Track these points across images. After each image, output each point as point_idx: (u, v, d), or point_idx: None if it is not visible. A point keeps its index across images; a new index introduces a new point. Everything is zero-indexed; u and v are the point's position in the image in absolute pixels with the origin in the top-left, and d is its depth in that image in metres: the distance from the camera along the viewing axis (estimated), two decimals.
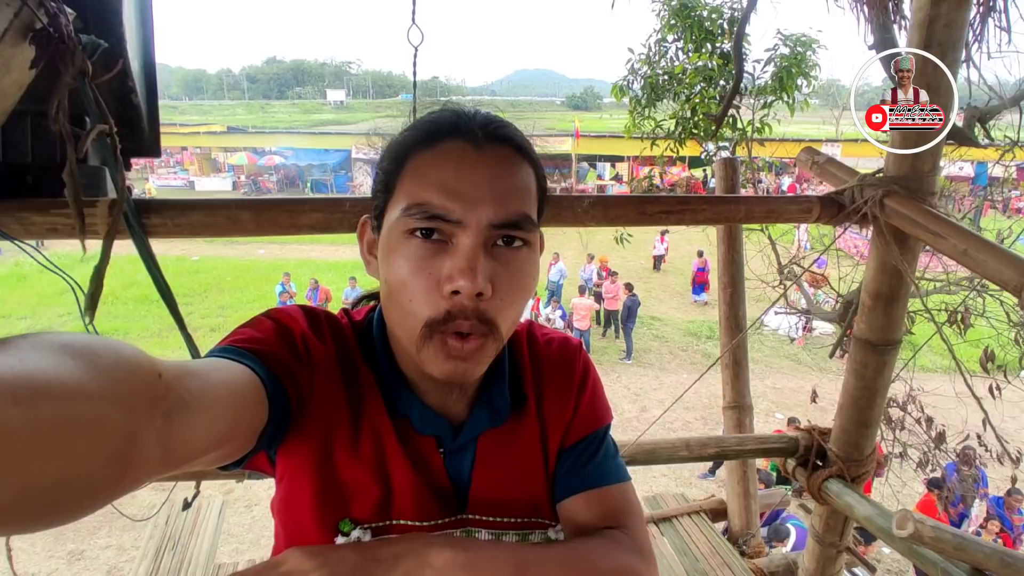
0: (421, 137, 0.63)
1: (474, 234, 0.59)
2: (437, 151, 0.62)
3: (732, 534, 2.96)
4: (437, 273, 0.59)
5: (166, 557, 2.36)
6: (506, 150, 0.64)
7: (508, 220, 0.61)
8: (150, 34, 1.75)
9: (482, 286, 0.58)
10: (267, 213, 1.46)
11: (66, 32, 1.22)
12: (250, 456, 0.59)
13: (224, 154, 28.09)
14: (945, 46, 1.57)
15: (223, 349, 0.59)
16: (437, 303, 0.60)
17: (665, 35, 5.42)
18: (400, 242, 0.61)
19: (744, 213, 1.76)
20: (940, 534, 1.53)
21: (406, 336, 0.63)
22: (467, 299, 0.59)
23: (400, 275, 0.61)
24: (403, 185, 0.63)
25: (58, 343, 0.35)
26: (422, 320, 0.60)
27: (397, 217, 0.62)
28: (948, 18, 1.56)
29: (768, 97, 5.44)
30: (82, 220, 1.25)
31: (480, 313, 0.60)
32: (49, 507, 0.33)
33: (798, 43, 5.40)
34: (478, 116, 0.65)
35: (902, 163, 1.71)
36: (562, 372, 0.77)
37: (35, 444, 0.30)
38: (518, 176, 0.64)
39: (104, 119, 1.30)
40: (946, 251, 1.51)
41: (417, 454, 0.69)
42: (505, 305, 0.62)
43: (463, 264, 0.58)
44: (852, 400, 2.06)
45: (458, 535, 0.70)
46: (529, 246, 0.64)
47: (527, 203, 0.64)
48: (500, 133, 0.64)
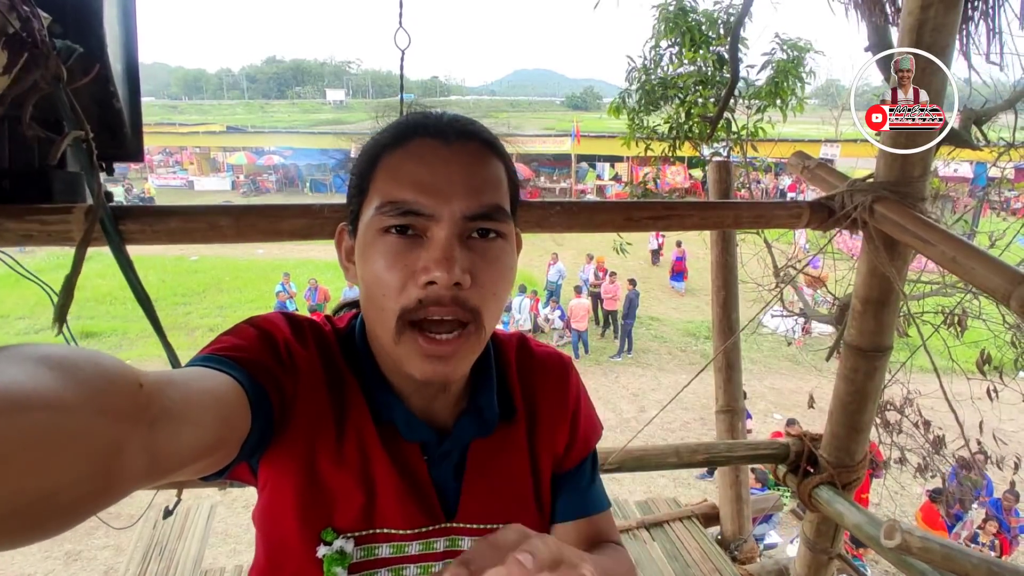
0: (391, 138, 0.64)
1: (448, 226, 0.60)
2: (407, 149, 0.63)
3: (724, 539, 2.95)
4: (412, 266, 0.60)
5: (153, 563, 2.35)
6: (475, 145, 0.65)
7: (481, 211, 0.61)
8: (133, 36, 1.73)
9: (460, 276, 0.58)
10: (247, 219, 1.44)
11: (39, 37, 1.20)
12: (232, 466, 0.58)
13: (223, 154, 28.06)
14: (934, 50, 1.55)
15: (205, 358, 0.59)
16: (411, 292, 0.60)
17: (659, 40, 5.41)
18: (375, 239, 0.61)
19: (733, 219, 1.75)
20: (928, 544, 1.51)
21: (384, 334, 0.63)
22: (444, 288, 0.59)
23: (375, 271, 0.61)
24: (376, 185, 0.63)
25: (36, 355, 0.35)
26: (395, 312, 0.60)
27: (371, 216, 0.62)
28: (936, 22, 1.54)
29: (762, 102, 5.44)
30: None
31: (462, 301, 0.60)
32: (34, 520, 0.32)
33: (794, 47, 5.40)
34: (446, 115, 0.66)
35: (892, 168, 1.69)
36: (555, 390, 0.78)
37: (15, 456, 0.30)
38: (489, 169, 0.65)
39: (80, 125, 1.28)
40: (935, 258, 1.49)
41: (402, 460, 0.69)
42: (487, 294, 0.62)
43: (438, 255, 0.58)
44: (843, 406, 2.04)
45: (442, 543, 0.70)
46: (504, 238, 0.64)
47: (499, 195, 0.64)
48: (468, 129, 0.65)
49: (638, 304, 10.53)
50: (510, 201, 0.67)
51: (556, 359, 0.80)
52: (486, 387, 0.73)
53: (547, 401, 0.77)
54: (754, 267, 4.64)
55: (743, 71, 5.13)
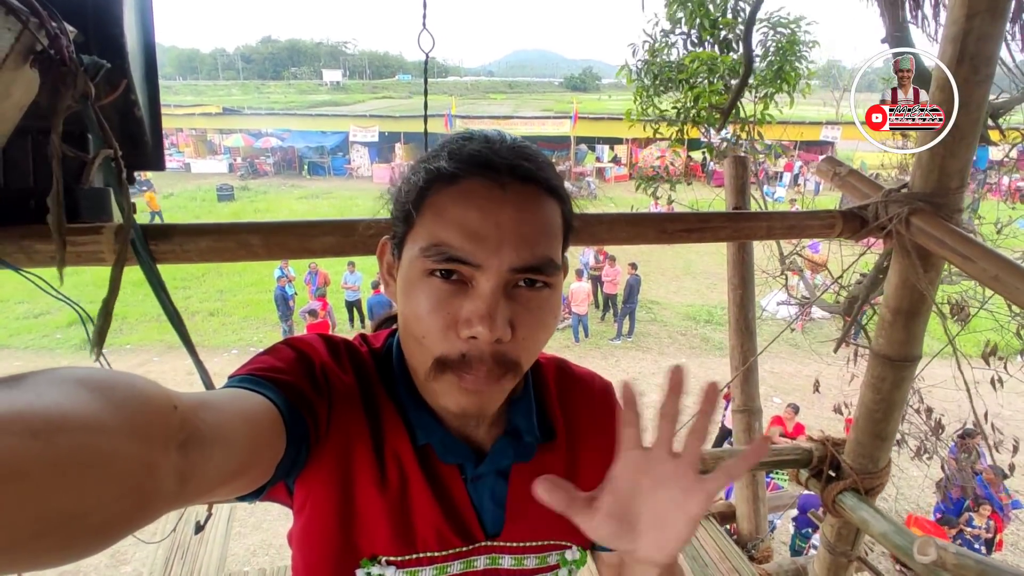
0: (444, 170, 0.60)
1: (494, 278, 0.58)
2: (459, 188, 0.60)
3: (740, 538, 2.96)
4: (455, 314, 0.58)
5: (175, 566, 2.34)
6: (532, 188, 0.61)
7: (530, 265, 0.59)
8: (151, 41, 1.69)
9: (501, 332, 0.57)
10: (277, 237, 1.41)
11: (67, 54, 1.16)
12: (268, 487, 0.59)
13: (220, 136, 27.77)
14: (978, 60, 1.52)
15: (241, 379, 0.58)
16: (452, 343, 0.59)
17: (674, 21, 5.32)
18: (419, 280, 0.60)
19: (766, 230, 1.72)
20: (963, 560, 1.51)
21: (418, 368, 0.63)
22: (484, 344, 0.58)
23: (417, 312, 0.60)
24: (423, 221, 0.61)
25: (74, 378, 0.36)
26: (434, 355, 0.60)
27: (416, 256, 0.60)
28: (981, 31, 1.50)
29: (769, 89, 5.37)
30: (63, 249, 1.19)
31: (500, 356, 0.59)
32: (65, 540, 0.32)
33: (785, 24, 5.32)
34: (504, 148, 0.61)
35: (928, 179, 1.66)
36: (600, 414, 0.77)
37: (52, 477, 0.31)
38: (543, 217, 0.61)
39: (108, 143, 1.25)
40: (975, 275, 1.47)
41: (440, 483, 0.68)
42: (527, 345, 0.61)
43: (482, 309, 0.57)
44: (868, 413, 2.04)
45: (483, 560, 0.71)
46: (551, 288, 0.62)
47: (551, 246, 0.62)
48: (526, 170, 0.61)
49: (639, 289, 10.52)
50: (563, 239, 0.65)
51: (598, 383, 0.80)
52: (524, 411, 0.72)
53: (590, 424, 0.76)
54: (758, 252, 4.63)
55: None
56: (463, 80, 76.87)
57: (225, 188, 20.68)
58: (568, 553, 0.76)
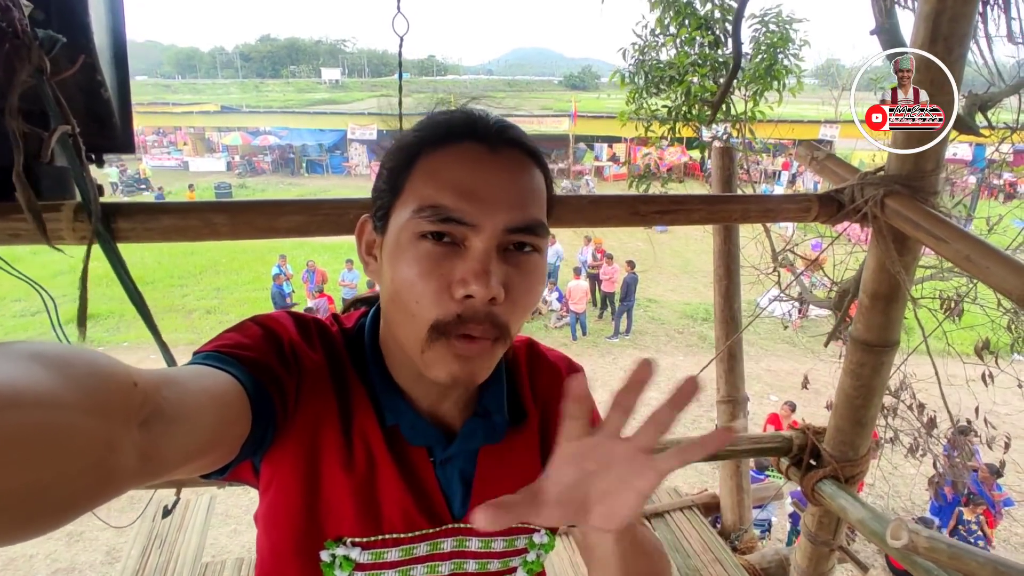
0: (433, 136, 0.62)
1: (489, 238, 0.58)
2: (451, 151, 0.60)
3: (724, 529, 2.95)
4: (448, 275, 0.58)
5: (152, 556, 2.33)
6: (520, 153, 0.63)
7: (524, 225, 0.60)
8: (120, 19, 1.66)
9: (496, 291, 0.57)
10: (243, 215, 1.40)
11: (20, 27, 1.15)
12: (233, 465, 0.58)
13: (218, 134, 27.75)
14: (951, 40, 1.51)
15: (207, 355, 0.57)
16: (447, 305, 0.58)
17: (662, 22, 5.31)
18: (409, 244, 0.59)
19: (741, 213, 1.71)
20: (935, 544, 1.50)
21: (409, 339, 0.61)
22: (480, 303, 0.58)
23: (408, 277, 0.59)
24: (414, 185, 0.61)
25: (29, 352, 0.35)
26: (428, 322, 0.59)
27: (407, 218, 0.60)
28: (955, 11, 1.49)
29: (758, 86, 5.36)
30: (41, 225, 1.18)
31: (493, 317, 0.59)
32: (26, 515, 0.32)
33: (777, 22, 5.30)
34: (491, 118, 0.63)
35: (904, 162, 1.65)
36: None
37: (5, 452, 0.30)
38: (532, 180, 0.63)
39: (66, 119, 1.23)
40: (948, 256, 1.46)
41: (408, 465, 0.68)
42: (517, 309, 0.61)
43: (478, 268, 0.57)
44: (847, 399, 2.02)
45: (449, 543, 0.71)
46: (540, 253, 0.63)
47: (540, 209, 0.63)
48: (514, 136, 0.63)
49: (637, 287, 10.51)
50: (547, 207, 0.66)
51: (567, 364, 0.80)
52: (494, 390, 0.72)
53: (560, 404, 0.76)
54: (751, 250, 4.61)
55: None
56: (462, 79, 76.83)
57: (223, 186, 20.68)
58: (536, 536, 0.76)
